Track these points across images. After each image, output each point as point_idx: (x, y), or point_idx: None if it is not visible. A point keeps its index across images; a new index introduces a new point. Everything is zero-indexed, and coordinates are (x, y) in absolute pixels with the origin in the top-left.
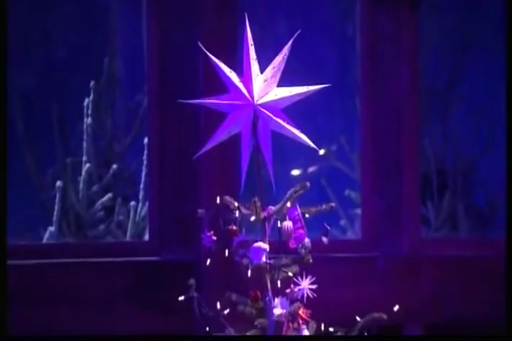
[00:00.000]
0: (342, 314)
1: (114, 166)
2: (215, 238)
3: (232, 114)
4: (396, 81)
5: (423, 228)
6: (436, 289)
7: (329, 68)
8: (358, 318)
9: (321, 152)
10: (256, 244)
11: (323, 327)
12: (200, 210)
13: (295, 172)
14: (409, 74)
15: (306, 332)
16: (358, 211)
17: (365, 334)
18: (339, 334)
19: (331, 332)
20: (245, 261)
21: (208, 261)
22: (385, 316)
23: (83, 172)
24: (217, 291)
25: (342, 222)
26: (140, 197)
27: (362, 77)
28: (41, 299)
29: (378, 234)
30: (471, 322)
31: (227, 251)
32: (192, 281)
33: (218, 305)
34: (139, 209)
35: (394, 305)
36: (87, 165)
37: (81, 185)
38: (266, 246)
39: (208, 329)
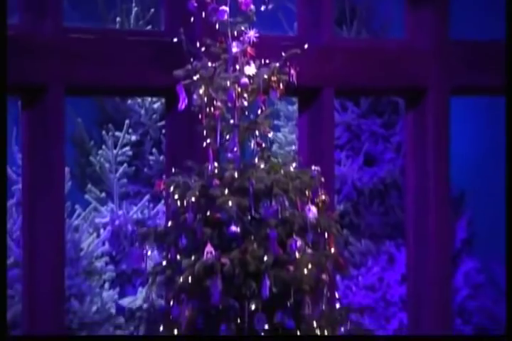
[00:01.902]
0: None
1: (152, 9)
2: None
3: None
4: None
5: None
6: (349, 68)
7: None
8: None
9: None
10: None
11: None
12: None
13: None
14: None
15: (252, 65)
16: None
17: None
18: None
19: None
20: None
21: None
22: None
23: (133, 13)
24: None
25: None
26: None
27: None
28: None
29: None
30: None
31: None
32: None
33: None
34: None
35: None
36: (135, 8)
37: (132, 21)
38: (226, 8)
39: (192, 60)
